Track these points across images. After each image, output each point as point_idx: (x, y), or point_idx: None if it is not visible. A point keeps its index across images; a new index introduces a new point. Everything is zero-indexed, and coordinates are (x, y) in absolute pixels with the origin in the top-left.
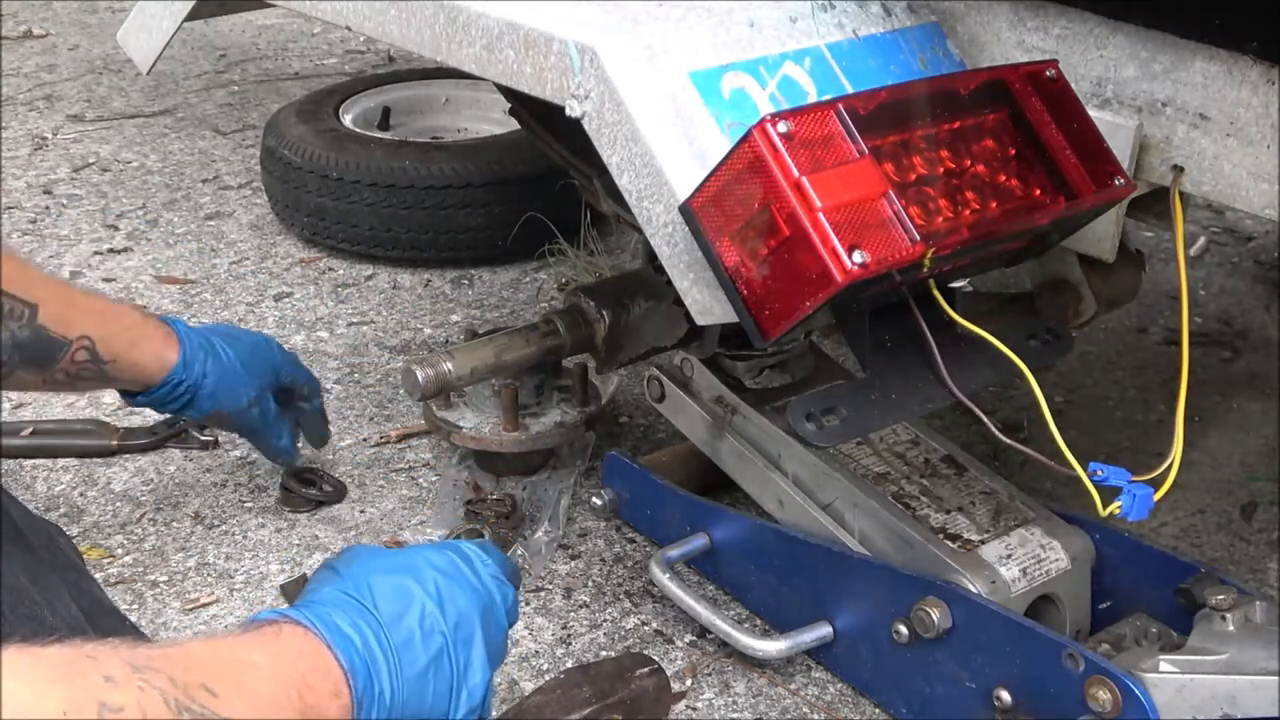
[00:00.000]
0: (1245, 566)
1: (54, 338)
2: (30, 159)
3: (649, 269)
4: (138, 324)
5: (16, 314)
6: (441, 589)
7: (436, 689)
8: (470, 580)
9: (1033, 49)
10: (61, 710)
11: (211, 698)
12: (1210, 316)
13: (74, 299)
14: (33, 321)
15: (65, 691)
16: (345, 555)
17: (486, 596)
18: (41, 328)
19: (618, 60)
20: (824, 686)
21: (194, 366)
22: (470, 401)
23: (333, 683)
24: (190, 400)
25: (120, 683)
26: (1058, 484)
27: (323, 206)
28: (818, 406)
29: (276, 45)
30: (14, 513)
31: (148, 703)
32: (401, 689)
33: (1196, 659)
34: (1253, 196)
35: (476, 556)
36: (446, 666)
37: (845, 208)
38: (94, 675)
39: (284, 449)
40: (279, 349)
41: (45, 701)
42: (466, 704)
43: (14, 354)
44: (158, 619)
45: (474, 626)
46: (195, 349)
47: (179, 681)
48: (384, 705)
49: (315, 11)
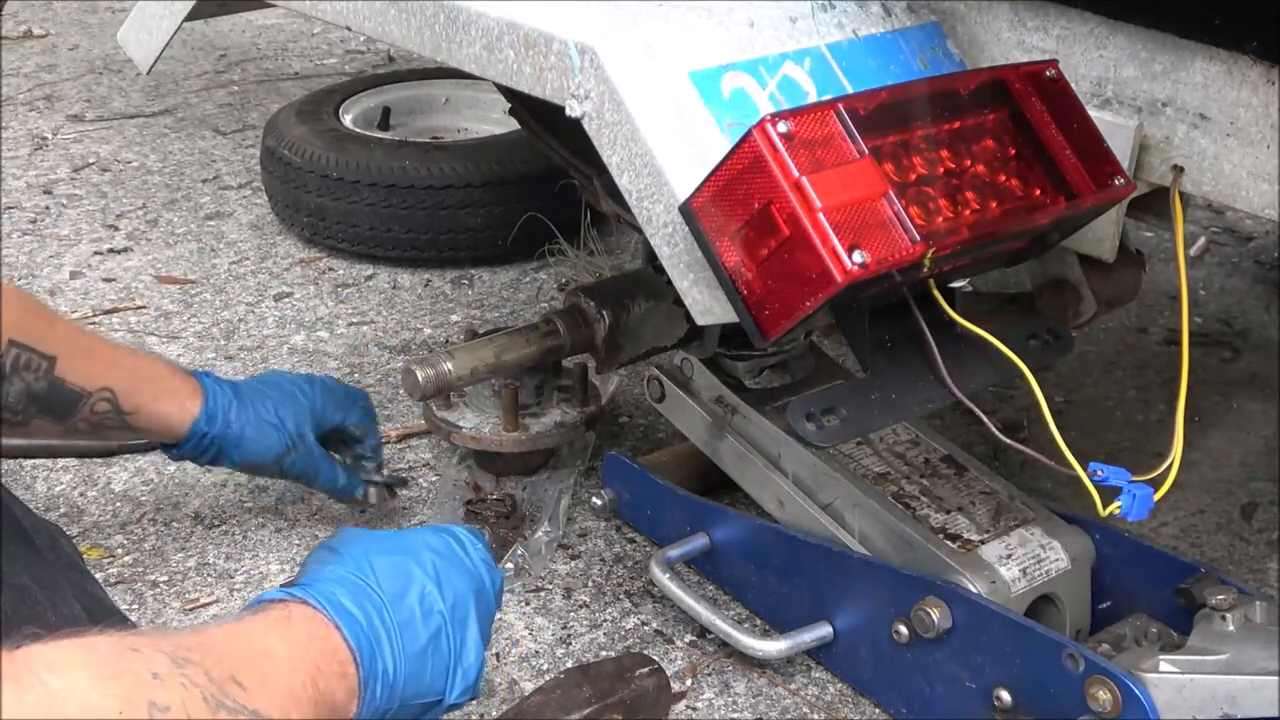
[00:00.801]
0: (1245, 566)
1: (72, 389)
2: (30, 159)
3: (649, 269)
4: (163, 376)
5: (33, 365)
6: (439, 569)
7: (434, 668)
8: (465, 562)
9: (1033, 49)
10: (118, 710)
11: (241, 691)
12: (1210, 316)
13: (97, 351)
14: (50, 373)
15: (119, 689)
16: (342, 536)
17: (479, 579)
18: (59, 379)
19: (618, 60)
20: (824, 686)
21: (217, 419)
22: (470, 401)
23: (339, 663)
24: (219, 452)
25: (166, 680)
26: (1058, 484)
27: (323, 206)
28: (818, 406)
29: (276, 45)
30: (17, 513)
31: (190, 701)
32: (403, 667)
33: (1196, 659)
34: (1253, 196)
35: (468, 540)
36: (444, 646)
37: (845, 208)
38: (143, 672)
39: (342, 489)
40: (323, 391)
41: (105, 700)
42: (461, 683)
43: (30, 404)
44: (158, 619)
45: (469, 607)
46: (219, 402)
47: (214, 676)
48: (387, 683)
49: (315, 11)
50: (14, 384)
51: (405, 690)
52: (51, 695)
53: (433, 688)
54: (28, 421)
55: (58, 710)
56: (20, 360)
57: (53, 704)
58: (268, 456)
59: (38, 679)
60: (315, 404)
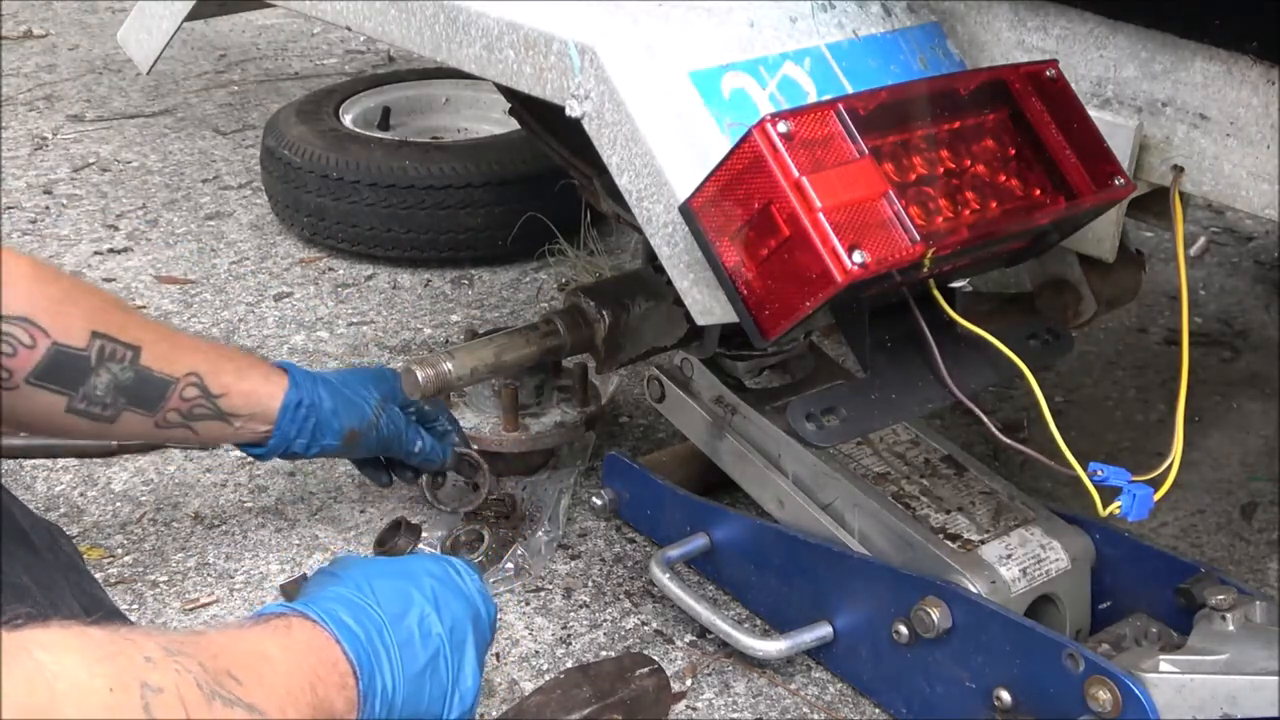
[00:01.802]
0: (1245, 566)
1: (159, 377)
2: (30, 159)
3: (649, 269)
4: (243, 357)
5: (118, 356)
6: (438, 594)
7: (433, 691)
8: (462, 589)
9: (1033, 49)
10: (108, 688)
11: (237, 685)
12: (1210, 316)
13: (178, 339)
14: (135, 363)
15: (111, 669)
16: (342, 562)
17: (476, 607)
18: (145, 368)
19: (618, 60)
20: (824, 686)
21: (306, 386)
22: (470, 401)
23: (339, 675)
24: (317, 423)
25: (159, 664)
26: (1058, 484)
27: (323, 206)
28: (818, 406)
29: (276, 45)
30: (16, 513)
31: (184, 685)
32: (402, 687)
33: (1196, 659)
34: (1253, 196)
35: (465, 570)
36: (443, 668)
37: (845, 208)
38: (135, 655)
39: (430, 454)
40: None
41: (94, 679)
42: (459, 707)
43: (117, 396)
44: (158, 619)
45: (467, 632)
46: (303, 375)
47: (209, 668)
48: (386, 700)
49: (315, 11)
50: (101, 376)
51: (403, 711)
52: (41, 670)
53: (431, 710)
54: (117, 416)
55: (47, 686)
56: (105, 351)
57: (42, 679)
58: (363, 421)
59: (28, 655)
60: (385, 377)
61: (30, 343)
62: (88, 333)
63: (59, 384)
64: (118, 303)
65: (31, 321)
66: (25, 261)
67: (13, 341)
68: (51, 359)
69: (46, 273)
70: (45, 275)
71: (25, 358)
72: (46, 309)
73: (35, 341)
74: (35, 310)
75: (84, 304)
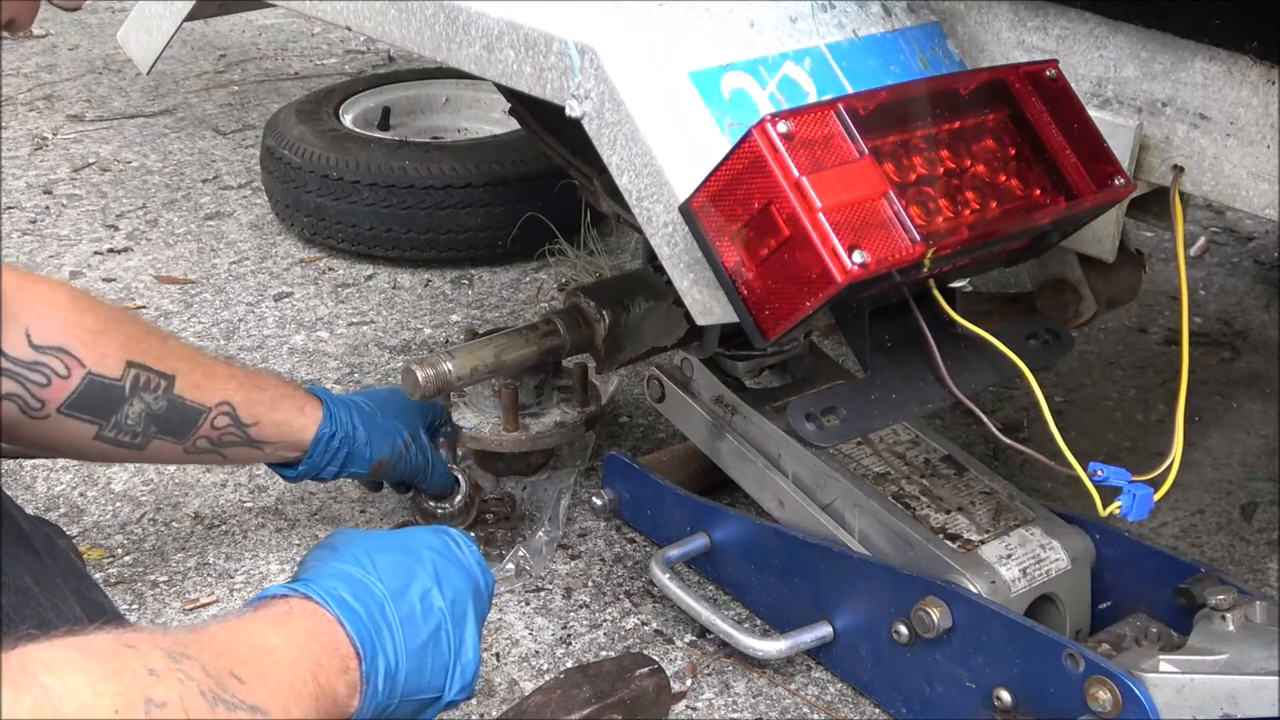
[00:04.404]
0: (1245, 566)
1: (191, 405)
2: (30, 159)
3: (649, 269)
4: (277, 386)
5: (152, 385)
6: (439, 567)
7: (434, 665)
8: (462, 561)
9: (1033, 49)
10: (114, 709)
11: (240, 685)
12: (1210, 316)
13: (213, 368)
14: (169, 391)
15: (116, 687)
16: (340, 536)
17: (475, 579)
18: (178, 397)
19: (617, 60)
20: (824, 686)
21: (340, 417)
22: (470, 401)
23: (341, 658)
24: (348, 454)
25: (162, 676)
26: (1058, 484)
27: (323, 206)
28: (818, 406)
29: (276, 45)
30: (16, 515)
31: (188, 696)
32: (404, 662)
33: (1196, 659)
34: (1253, 196)
35: (464, 541)
36: (444, 643)
37: (845, 208)
38: (139, 669)
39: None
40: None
41: (101, 700)
42: (460, 680)
43: (149, 425)
44: (158, 619)
45: (467, 605)
46: (338, 405)
47: (211, 670)
48: (389, 677)
49: (315, 11)
50: (134, 405)
51: (406, 686)
52: (48, 696)
53: (432, 684)
54: (147, 444)
55: (54, 711)
56: (140, 380)
57: (49, 705)
58: (394, 451)
59: (34, 680)
60: (417, 406)
61: (65, 373)
62: (123, 362)
63: (90, 413)
64: (155, 330)
65: (67, 351)
66: (63, 290)
67: (47, 372)
68: (85, 389)
69: (84, 302)
70: (82, 305)
71: (59, 388)
72: (82, 339)
73: (70, 371)
74: (70, 340)
75: (120, 333)
